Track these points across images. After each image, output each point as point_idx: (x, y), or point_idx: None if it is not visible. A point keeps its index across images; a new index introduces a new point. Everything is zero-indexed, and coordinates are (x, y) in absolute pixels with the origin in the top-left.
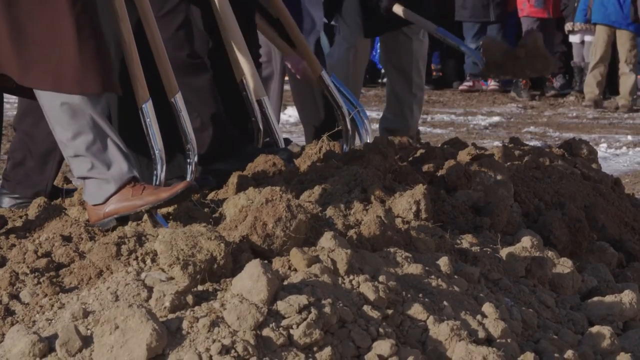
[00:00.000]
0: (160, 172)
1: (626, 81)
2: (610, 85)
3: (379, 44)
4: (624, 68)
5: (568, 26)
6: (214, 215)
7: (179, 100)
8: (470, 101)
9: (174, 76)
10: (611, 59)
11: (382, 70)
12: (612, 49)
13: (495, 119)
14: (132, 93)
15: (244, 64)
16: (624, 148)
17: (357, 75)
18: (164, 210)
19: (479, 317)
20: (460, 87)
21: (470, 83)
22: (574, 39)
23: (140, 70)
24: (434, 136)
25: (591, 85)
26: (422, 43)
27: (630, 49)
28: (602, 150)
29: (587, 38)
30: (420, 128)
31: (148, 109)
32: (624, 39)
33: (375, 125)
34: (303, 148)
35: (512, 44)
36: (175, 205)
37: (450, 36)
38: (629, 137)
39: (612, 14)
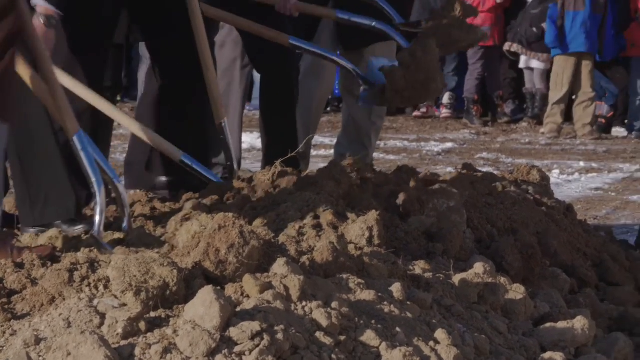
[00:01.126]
0: (100, 200)
1: (588, 108)
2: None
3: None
4: (587, 95)
5: (506, 46)
6: (165, 241)
7: (225, 125)
8: (424, 127)
9: None
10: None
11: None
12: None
13: (448, 145)
14: None
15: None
16: (577, 174)
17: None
18: (117, 235)
19: (431, 343)
20: (414, 114)
21: (424, 109)
22: (524, 64)
23: (67, 103)
24: (387, 162)
25: (555, 115)
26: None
27: (592, 74)
28: (554, 176)
29: (535, 64)
30: (374, 154)
31: (77, 140)
32: (590, 65)
33: (329, 152)
34: (255, 174)
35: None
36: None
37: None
38: (581, 164)
39: (583, 42)
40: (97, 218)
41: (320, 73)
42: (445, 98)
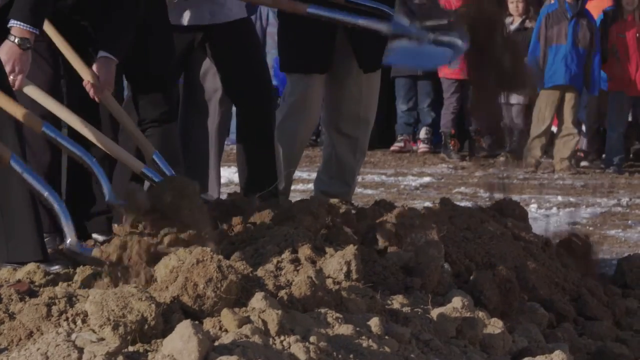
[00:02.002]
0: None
1: (569, 142)
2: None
3: None
4: (570, 129)
5: None
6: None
7: None
8: (401, 162)
9: None
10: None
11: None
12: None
13: (426, 179)
14: None
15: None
16: (554, 209)
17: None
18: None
19: None
20: (392, 148)
21: (402, 144)
22: (502, 99)
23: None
24: (364, 197)
25: (535, 149)
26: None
27: (575, 109)
28: (532, 210)
29: (513, 100)
30: (355, 189)
31: (15, 164)
32: (573, 99)
33: (307, 186)
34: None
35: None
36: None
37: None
38: (559, 198)
39: (563, 75)
40: (65, 229)
41: (303, 112)
42: (422, 133)
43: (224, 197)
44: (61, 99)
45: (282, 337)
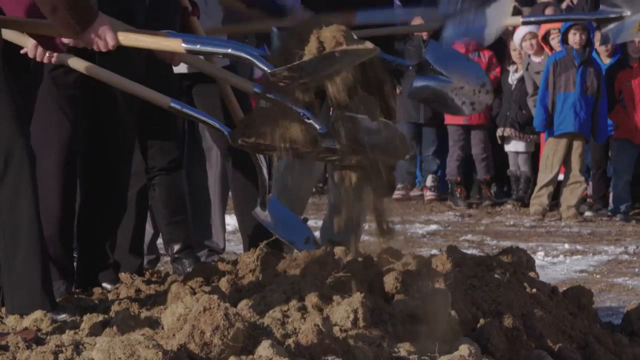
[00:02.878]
0: None
1: (575, 190)
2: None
3: None
4: (577, 177)
5: (499, 132)
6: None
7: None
8: (408, 209)
9: None
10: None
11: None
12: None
13: (433, 227)
14: None
15: None
16: (561, 256)
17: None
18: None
19: None
20: (394, 196)
21: (403, 192)
22: (509, 147)
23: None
24: (371, 244)
25: (542, 197)
26: None
27: (582, 157)
28: (539, 258)
29: (520, 147)
30: (361, 236)
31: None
32: (580, 147)
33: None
34: (240, 256)
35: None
36: (112, 313)
37: None
38: (566, 246)
39: (572, 122)
40: None
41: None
42: (429, 180)
43: (229, 244)
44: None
45: None
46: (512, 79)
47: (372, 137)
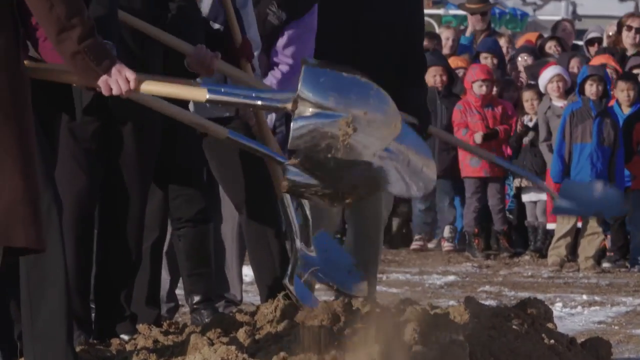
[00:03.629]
0: None
1: (593, 241)
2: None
3: None
4: (595, 228)
5: (516, 182)
6: None
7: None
8: (426, 260)
9: None
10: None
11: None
12: None
13: (451, 278)
14: None
15: None
16: (580, 307)
17: None
18: None
19: None
20: (412, 247)
21: (420, 242)
22: (526, 198)
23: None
24: (389, 296)
25: (560, 247)
26: (390, 197)
27: None
28: (557, 309)
29: (538, 197)
30: (377, 287)
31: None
32: None
33: None
34: (258, 307)
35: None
36: None
37: None
38: (584, 297)
39: (589, 173)
40: None
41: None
42: (446, 231)
43: (246, 295)
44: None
45: None
46: (527, 128)
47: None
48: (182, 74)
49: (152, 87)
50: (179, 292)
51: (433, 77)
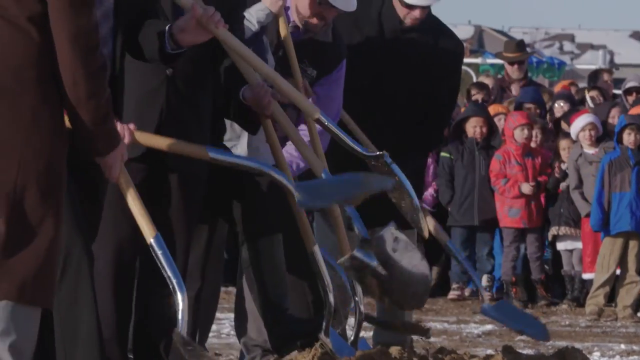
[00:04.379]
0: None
1: (632, 290)
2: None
3: None
4: (633, 277)
5: (553, 231)
6: None
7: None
8: (463, 309)
9: None
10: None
11: None
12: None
13: (488, 327)
14: None
15: None
16: (618, 357)
17: None
18: None
19: None
20: (449, 296)
21: (458, 292)
22: (561, 246)
23: (144, 211)
24: (426, 345)
25: (598, 297)
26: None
27: (639, 256)
28: (595, 358)
29: (574, 245)
30: (413, 337)
31: (156, 243)
32: (637, 247)
33: (367, 333)
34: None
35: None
36: None
37: None
38: (622, 346)
39: (628, 222)
40: (179, 315)
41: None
42: (484, 280)
43: None
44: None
45: None
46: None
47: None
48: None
49: (150, 140)
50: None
51: (473, 127)
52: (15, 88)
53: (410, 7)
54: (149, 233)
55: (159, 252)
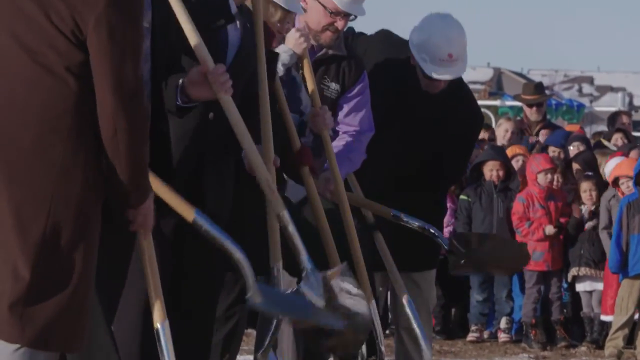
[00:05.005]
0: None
1: None
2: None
3: None
4: None
5: (573, 271)
6: None
7: None
8: (482, 351)
9: None
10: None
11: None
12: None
13: None
14: None
15: None
16: None
17: None
18: None
19: None
20: (468, 338)
21: (477, 334)
22: (580, 287)
23: (160, 291)
24: None
25: (617, 339)
26: (432, 292)
27: None
28: None
29: (593, 287)
30: None
31: (164, 328)
32: None
33: None
34: None
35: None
36: None
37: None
38: None
39: None
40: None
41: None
42: (503, 322)
43: None
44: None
45: None
46: (584, 219)
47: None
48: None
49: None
50: None
51: (490, 171)
52: (51, 138)
53: (431, 79)
54: (188, 213)
55: (205, 226)
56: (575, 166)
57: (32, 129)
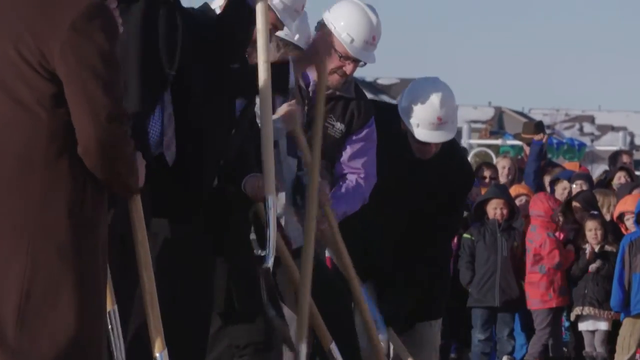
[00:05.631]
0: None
1: None
2: None
3: None
4: None
5: (577, 311)
6: None
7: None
8: None
9: None
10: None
11: None
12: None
13: None
14: None
15: None
16: None
17: None
18: None
19: None
20: None
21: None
22: (583, 327)
23: (159, 322)
24: None
25: None
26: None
27: None
28: None
29: (596, 326)
30: None
31: (162, 357)
32: None
33: None
34: None
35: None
36: None
37: None
38: None
39: None
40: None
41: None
42: None
43: None
44: None
45: None
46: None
47: None
48: None
49: None
50: None
51: (494, 209)
52: (24, 169)
53: (423, 143)
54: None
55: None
56: (575, 205)
57: (9, 162)
